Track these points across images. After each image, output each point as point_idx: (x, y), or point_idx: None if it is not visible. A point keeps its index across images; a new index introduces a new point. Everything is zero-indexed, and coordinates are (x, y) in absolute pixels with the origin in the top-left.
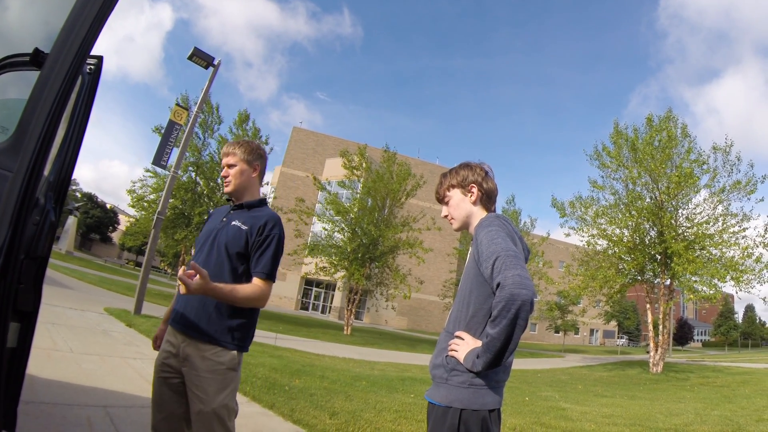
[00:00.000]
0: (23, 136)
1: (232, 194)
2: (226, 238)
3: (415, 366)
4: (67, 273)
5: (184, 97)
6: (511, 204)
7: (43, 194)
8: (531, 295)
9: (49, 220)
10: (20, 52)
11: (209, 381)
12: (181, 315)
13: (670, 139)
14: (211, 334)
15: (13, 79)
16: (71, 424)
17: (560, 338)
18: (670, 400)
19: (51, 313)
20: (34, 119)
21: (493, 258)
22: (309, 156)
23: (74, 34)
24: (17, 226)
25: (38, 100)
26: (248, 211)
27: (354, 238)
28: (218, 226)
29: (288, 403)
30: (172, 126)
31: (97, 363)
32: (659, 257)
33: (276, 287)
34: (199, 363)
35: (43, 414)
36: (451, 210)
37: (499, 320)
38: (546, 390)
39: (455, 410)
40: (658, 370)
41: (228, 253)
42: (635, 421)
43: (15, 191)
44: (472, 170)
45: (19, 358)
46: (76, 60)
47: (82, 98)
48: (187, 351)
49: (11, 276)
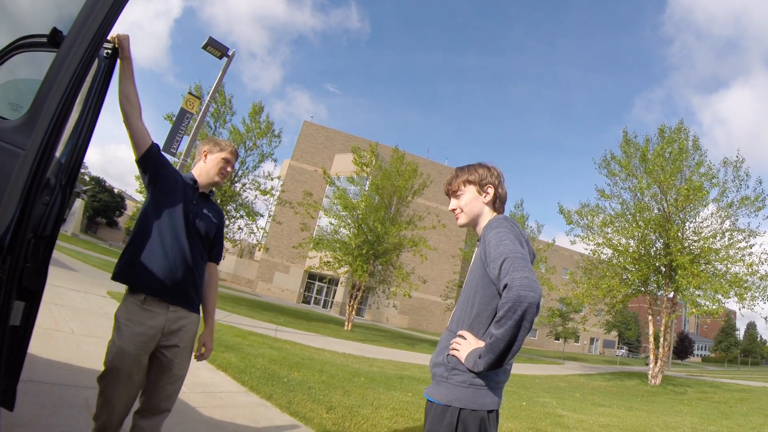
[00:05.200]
0: (37, 115)
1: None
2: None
3: (414, 365)
4: (72, 255)
5: (198, 86)
6: (519, 208)
7: (54, 175)
8: (538, 298)
9: (58, 201)
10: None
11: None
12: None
13: (681, 151)
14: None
15: (29, 59)
16: (69, 404)
17: (560, 345)
18: (667, 413)
19: (54, 294)
20: (49, 99)
21: (501, 259)
22: (318, 150)
23: (93, 16)
24: (26, 205)
25: (54, 80)
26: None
27: (359, 234)
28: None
29: (286, 395)
30: (183, 114)
31: (97, 345)
32: (664, 269)
33: (279, 279)
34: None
35: (41, 393)
36: (461, 205)
37: (505, 321)
38: (543, 396)
39: (454, 409)
40: (656, 383)
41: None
42: (632, 431)
43: (26, 169)
44: (491, 172)
45: (21, 336)
46: (93, 42)
47: (98, 82)
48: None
49: (18, 254)
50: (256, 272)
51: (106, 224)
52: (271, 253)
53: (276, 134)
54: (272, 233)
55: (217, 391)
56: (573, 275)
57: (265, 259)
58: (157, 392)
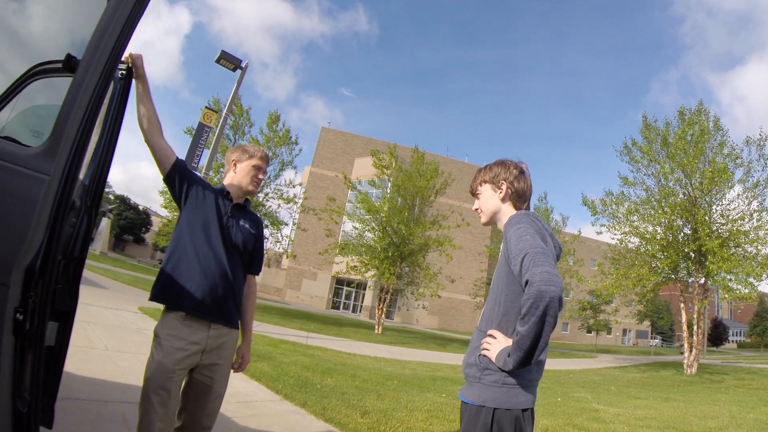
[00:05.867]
0: (59, 141)
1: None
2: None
3: (446, 366)
4: (101, 273)
5: (216, 99)
6: (543, 202)
7: (79, 197)
8: (559, 292)
9: (85, 222)
10: (49, 59)
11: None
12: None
13: (703, 133)
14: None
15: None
16: (106, 420)
17: (592, 338)
18: (704, 403)
19: (86, 312)
20: (69, 124)
21: (521, 255)
22: (338, 156)
23: (106, 39)
24: (54, 228)
25: (72, 105)
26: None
27: (384, 237)
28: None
29: (320, 402)
30: (201, 128)
31: (131, 360)
32: (693, 255)
33: (307, 286)
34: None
35: (78, 410)
36: (480, 204)
37: (528, 317)
38: (578, 391)
39: (488, 409)
40: (692, 372)
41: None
42: (669, 423)
43: (51, 194)
44: (506, 168)
45: (57, 356)
46: (108, 64)
47: (115, 103)
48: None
49: (49, 277)
50: (283, 280)
51: (133, 241)
52: (297, 260)
53: (293, 141)
54: (298, 241)
55: (251, 401)
56: (601, 266)
57: (293, 267)
58: (198, 410)
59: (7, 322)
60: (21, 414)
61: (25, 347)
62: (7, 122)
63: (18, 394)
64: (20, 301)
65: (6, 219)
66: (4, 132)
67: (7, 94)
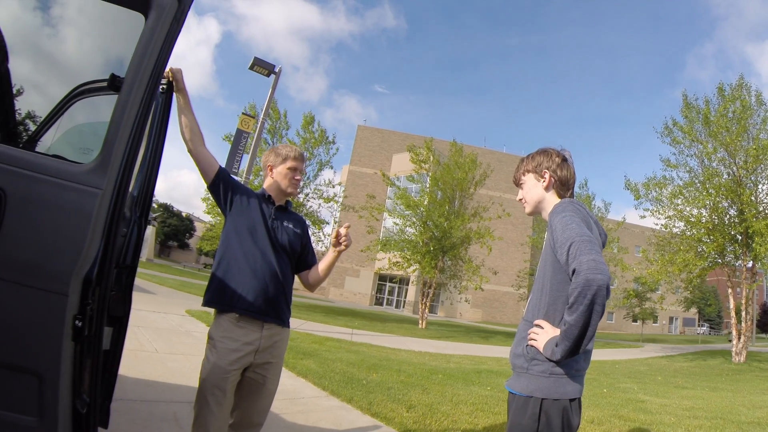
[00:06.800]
0: (109, 156)
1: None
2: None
3: (490, 358)
4: (149, 279)
5: (252, 105)
6: (584, 189)
7: (129, 209)
8: (606, 280)
9: (135, 231)
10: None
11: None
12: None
13: (745, 108)
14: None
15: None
16: (158, 419)
17: (638, 327)
18: (753, 392)
19: (136, 317)
20: (118, 140)
21: (567, 244)
22: (375, 153)
23: (147, 58)
24: (108, 239)
25: (119, 122)
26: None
27: (425, 231)
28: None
29: (366, 397)
30: (240, 134)
31: (181, 362)
32: (740, 237)
33: (350, 283)
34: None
35: (131, 410)
36: (524, 194)
37: (576, 306)
38: (624, 381)
39: (536, 400)
40: (740, 360)
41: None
42: (717, 414)
43: (105, 207)
44: (548, 156)
45: (112, 359)
46: (151, 81)
47: (158, 116)
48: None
49: (105, 285)
50: (327, 278)
51: (177, 247)
52: (340, 258)
53: (330, 140)
54: None
55: (298, 397)
56: (646, 253)
57: (335, 264)
58: (251, 408)
59: (67, 328)
60: (80, 414)
61: (83, 352)
62: (54, 141)
63: (77, 396)
64: (79, 308)
65: (63, 232)
66: (51, 150)
67: (53, 114)
